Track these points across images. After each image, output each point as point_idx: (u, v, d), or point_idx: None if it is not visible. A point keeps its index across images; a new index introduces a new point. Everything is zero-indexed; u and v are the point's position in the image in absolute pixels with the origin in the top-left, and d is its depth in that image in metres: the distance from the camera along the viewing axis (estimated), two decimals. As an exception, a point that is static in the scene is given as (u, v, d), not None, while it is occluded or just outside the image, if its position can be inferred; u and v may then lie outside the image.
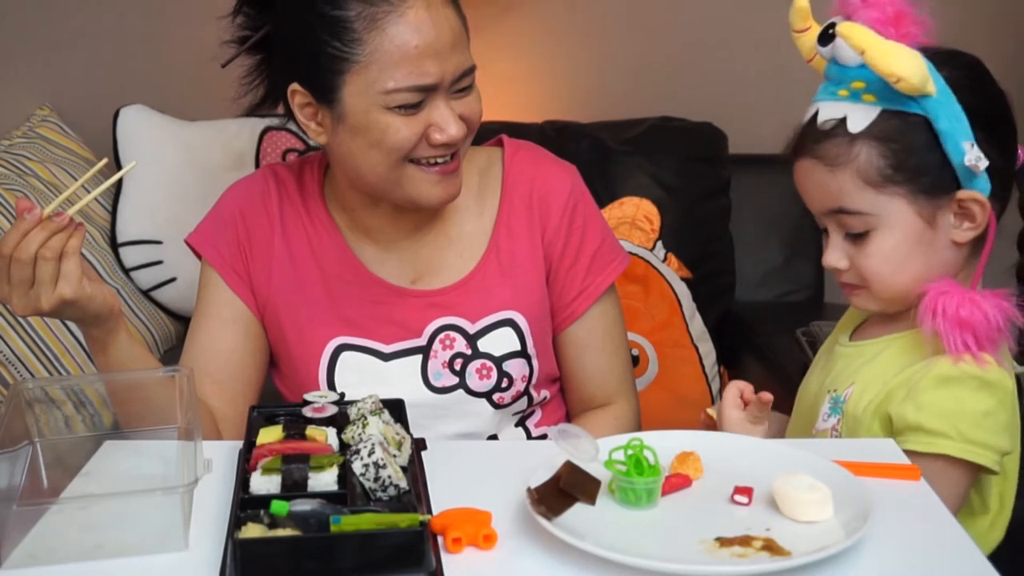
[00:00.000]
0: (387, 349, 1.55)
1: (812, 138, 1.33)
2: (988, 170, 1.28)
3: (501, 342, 1.56)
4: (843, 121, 1.30)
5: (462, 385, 1.55)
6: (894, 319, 1.37)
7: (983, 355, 1.26)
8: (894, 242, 1.31)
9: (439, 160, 1.45)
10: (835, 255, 1.35)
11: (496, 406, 1.57)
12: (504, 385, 1.56)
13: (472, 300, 1.56)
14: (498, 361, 1.55)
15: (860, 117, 1.29)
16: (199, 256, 1.59)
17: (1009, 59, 2.47)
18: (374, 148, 1.42)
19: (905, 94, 1.25)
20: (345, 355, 1.55)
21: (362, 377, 1.54)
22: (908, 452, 1.26)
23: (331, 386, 1.54)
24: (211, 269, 1.57)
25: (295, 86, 1.45)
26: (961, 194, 1.29)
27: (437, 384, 1.55)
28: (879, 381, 1.33)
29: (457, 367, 1.55)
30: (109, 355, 1.36)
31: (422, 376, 1.55)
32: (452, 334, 1.55)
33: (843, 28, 1.26)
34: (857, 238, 1.33)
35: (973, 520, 1.34)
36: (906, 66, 1.22)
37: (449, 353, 1.55)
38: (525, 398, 1.59)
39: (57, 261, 1.24)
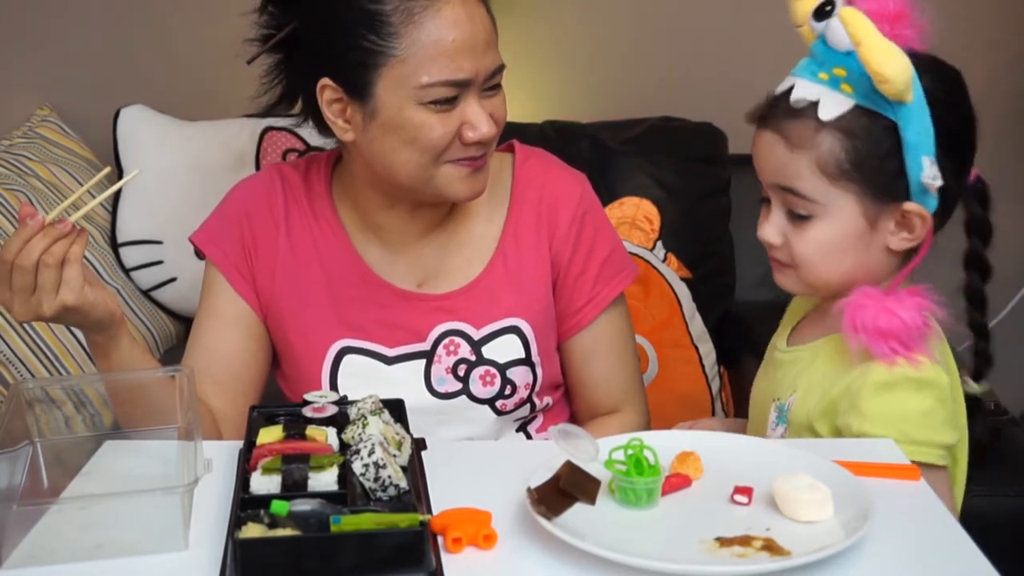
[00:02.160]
0: (390, 353, 1.55)
1: (782, 113, 1.32)
2: (939, 189, 1.28)
3: (505, 349, 1.55)
4: (815, 105, 1.29)
5: (465, 391, 1.55)
6: (824, 320, 1.38)
7: (915, 355, 1.27)
8: (833, 234, 1.32)
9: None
10: (771, 230, 1.36)
11: (499, 413, 1.57)
12: (507, 392, 1.56)
13: (477, 306, 1.55)
14: (502, 368, 1.55)
15: (833, 106, 1.28)
16: (203, 255, 1.59)
17: (1009, 59, 2.47)
18: (407, 146, 1.42)
19: (884, 96, 1.24)
20: (348, 358, 1.55)
21: (365, 380, 1.53)
22: None
23: (334, 389, 1.54)
24: (214, 269, 1.57)
25: (325, 81, 1.44)
26: (908, 206, 1.29)
27: (440, 389, 1.55)
28: (818, 388, 1.34)
29: (461, 373, 1.55)
30: (111, 360, 1.36)
31: (425, 381, 1.55)
32: (456, 339, 1.55)
33: (846, 13, 1.24)
34: (798, 219, 1.33)
35: None
36: (896, 70, 1.21)
37: (453, 359, 1.55)
38: (528, 405, 1.59)
39: (59, 268, 1.24)
